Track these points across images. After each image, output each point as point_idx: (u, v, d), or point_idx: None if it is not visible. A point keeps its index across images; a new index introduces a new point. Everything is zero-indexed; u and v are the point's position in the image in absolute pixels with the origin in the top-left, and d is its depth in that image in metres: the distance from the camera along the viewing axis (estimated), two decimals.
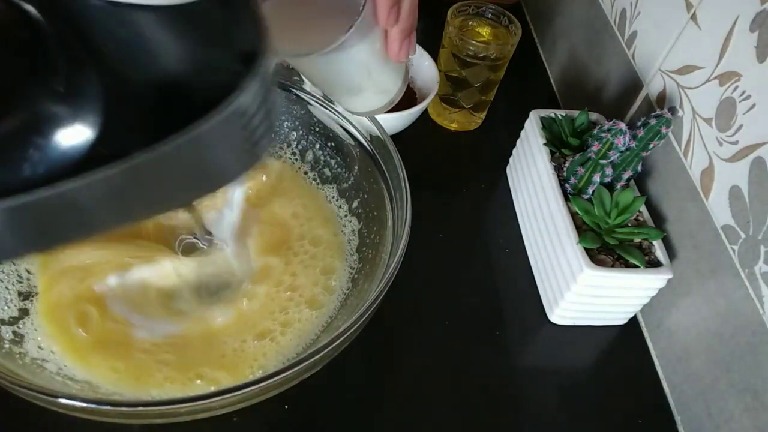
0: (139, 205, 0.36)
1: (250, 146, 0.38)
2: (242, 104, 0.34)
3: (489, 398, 0.68)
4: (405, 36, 0.49)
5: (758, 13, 0.61)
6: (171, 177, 0.35)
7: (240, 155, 0.38)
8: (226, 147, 0.37)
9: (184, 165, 0.35)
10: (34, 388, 0.44)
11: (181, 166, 0.35)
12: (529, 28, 1.20)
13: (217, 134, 0.34)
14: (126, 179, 0.32)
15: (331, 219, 0.73)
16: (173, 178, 0.35)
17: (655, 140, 0.70)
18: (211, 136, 0.34)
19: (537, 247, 0.78)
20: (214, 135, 0.34)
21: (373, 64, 0.52)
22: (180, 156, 0.34)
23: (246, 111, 0.35)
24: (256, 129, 0.37)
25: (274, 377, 0.47)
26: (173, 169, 0.34)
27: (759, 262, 0.59)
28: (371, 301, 0.53)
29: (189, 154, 0.34)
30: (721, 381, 0.63)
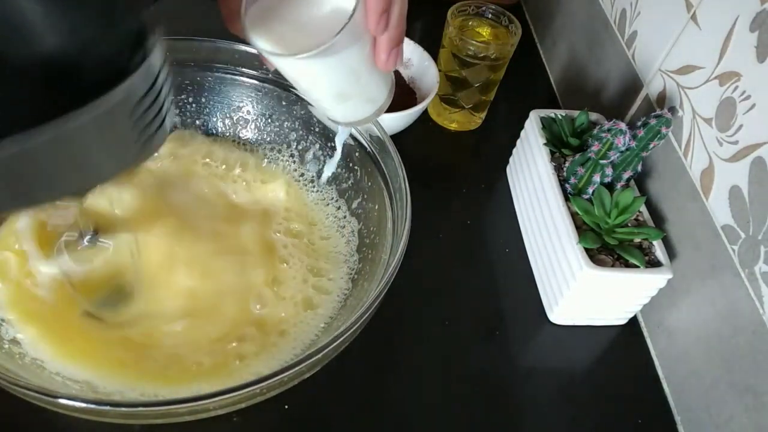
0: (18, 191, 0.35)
1: (142, 135, 0.37)
2: (130, 87, 0.33)
3: (489, 398, 0.68)
4: (393, 45, 0.49)
5: (758, 13, 0.61)
6: (56, 160, 0.34)
7: (130, 145, 0.37)
8: (116, 133, 0.35)
9: (70, 148, 0.33)
10: (34, 389, 0.44)
11: (67, 149, 0.33)
12: (529, 28, 1.20)
13: (100, 123, 0.33)
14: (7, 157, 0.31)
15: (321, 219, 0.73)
16: (58, 162, 0.34)
17: (655, 140, 0.70)
18: (93, 125, 0.33)
19: (537, 247, 0.78)
20: (97, 123, 0.33)
21: (362, 71, 0.52)
22: (66, 137, 0.32)
23: (133, 94, 0.34)
24: (149, 117, 0.36)
25: (274, 377, 0.47)
26: (59, 151, 0.33)
27: (759, 262, 0.59)
28: (371, 301, 0.53)
29: (75, 136, 0.33)
30: (721, 381, 0.63)
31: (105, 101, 0.32)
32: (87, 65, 0.32)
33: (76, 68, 0.32)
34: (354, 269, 0.68)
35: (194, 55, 0.73)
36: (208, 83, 0.75)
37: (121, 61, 0.33)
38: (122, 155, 0.38)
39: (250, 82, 0.75)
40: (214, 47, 0.72)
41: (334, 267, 0.69)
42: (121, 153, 0.38)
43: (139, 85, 0.34)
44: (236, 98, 0.76)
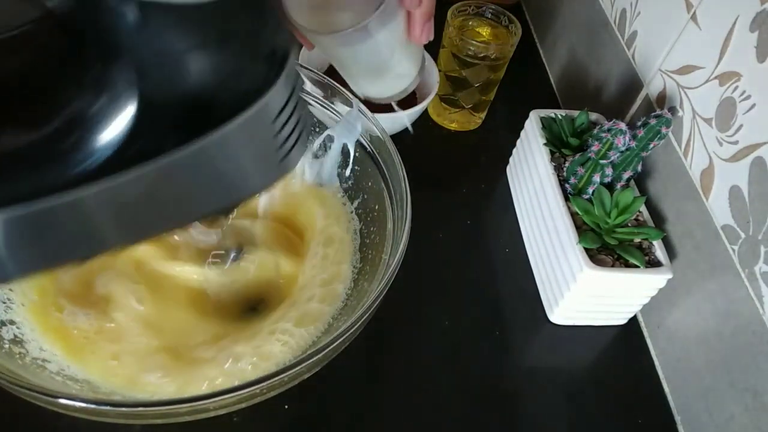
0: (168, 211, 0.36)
1: (280, 153, 0.37)
2: (269, 104, 0.34)
3: (489, 398, 0.68)
4: (426, 19, 0.51)
5: (758, 13, 0.61)
6: (200, 179, 0.35)
7: (270, 161, 0.38)
8: (255, 150, 0.36)
9: (213, 166, 0.34)
10: (34, 389, 0.44)
11: (210, 168, 0.34)
12: (529, 28, 1.20)
13: (245, 134, 0.34)
14: (158, 179, 0.32)
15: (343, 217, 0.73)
16: (202, 181, 0.35)
17: (655, 140, 0.70)
18: (239, 135, 0.34)
19: (537, 247, 0.78)
20: (243, 134, 0.34)
21: (397, 46, 0.53)
22: (209, 155, 0.33)
23: (272, 111, 0.35)
24: (285, 134, 0.37)
25: (275, 377, 0.47)
26: (203, 170, 0.34)
27: (759, 262, 0.59)
28: (371, 301, 0.53)
29: (218, 154, 0.34)
30: (721, 381, 0.63)
31: (243, 118, 0.33)
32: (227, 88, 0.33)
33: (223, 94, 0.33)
34: (355, 269, 0.68)
35: None
36: None
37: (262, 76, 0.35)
38: (265, 171, 0.39)
39: None
40: None
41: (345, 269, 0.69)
42: (263, 168, 0.38)
43: (276, 99, 0.35)
44: None
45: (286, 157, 0.38)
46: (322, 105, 0.72)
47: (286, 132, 0.37)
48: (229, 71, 0.33)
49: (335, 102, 0.71)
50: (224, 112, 0.33)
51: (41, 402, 0.45)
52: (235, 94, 0.33)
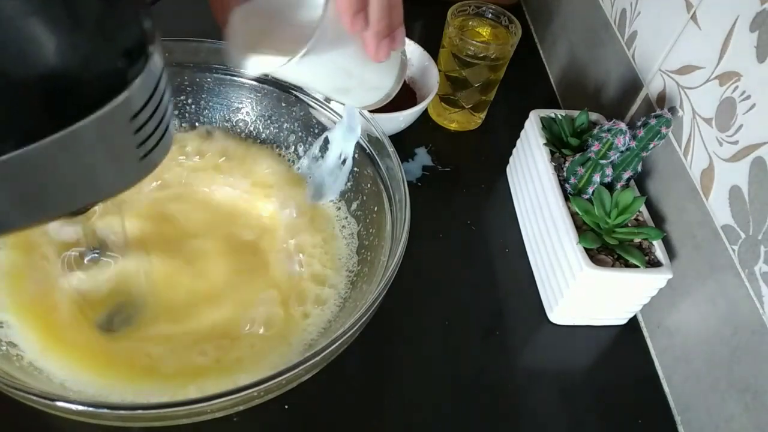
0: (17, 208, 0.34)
1: (141, 151, 0.36)
2: (127, 100, 0.33)
3: (489, 398, 0.68)
4: (380, 38, 0.49)
5: (758, 13, 0.61)
6: (53, 177, 0.33)
7: (130, 160, 0.36)
8: (113, 148, 0.35)
9: (66, 164, 0.33)
10: (31, 392, 0.44)
11: (63, 165, 0.33)
12: (529, 28, 1.20)
13: (101, 131, 0.33)
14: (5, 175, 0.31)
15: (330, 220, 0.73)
16: (56, 179, 0.34)
17: (655, 140, 0.70)
18: (94, 133, 0.32)
19: (537, 247, 0.78)
20: (98, 132, 0.33)
21: (353, 66, 0.52)
22: (62, 152, 0.32)
23: (131, 109, 0.34)
24: (146, 133, 0.36)
25: (272, 380, 0.47)
26: (55, 167, 0.33)
27: (759, 262, 0.59)
28: (370, 303, 0.53)
29: (71, 151, 0.32)
30: (721, 381, 0.63)
31: (103, 113, 0.32)
32: (85, 79, 0.32)
33: (74, 83, 0.31)
34: (353, 271, 0.68)
35: (193, 56, 0.73)
36: (207, 84, 0.75)
37: (119, 72, 0.33)
38: (120, 173, 0.37)
39: (249, 83, 0.75)
40: (213, 48, 0.72)
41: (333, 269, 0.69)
42: (122, 168, 0.37)
43: (138, 95, 0.34)
44: (235, 99, 0.76)
45: (147, 156, 0.37)
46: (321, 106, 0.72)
47: (148, 130, 0.36)
48: (83, 66, 0.31)
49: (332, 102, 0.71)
50: (79, 108, 0.31)
51: (39, 405, 0.45)
52: (91, 90, 0.32)
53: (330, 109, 0.71)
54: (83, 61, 0.31)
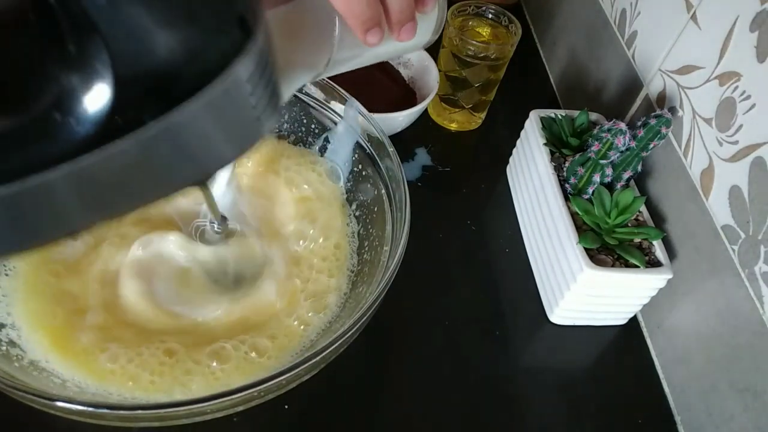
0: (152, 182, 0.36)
1: (256, 118, 0.38)
2: (245, 66, 0.34)
3: (489, 398, 0.68)
4: (403, 24, 0.48)
5: (758, 13, 0.61)
6: (184, 148, 0.35)
7: (248, 124, 0.38)
8: (235, 114, 0.36)
9: (191, 136, 0.34)
10: (31, 391, 0.44)
11: (188, 138, 0.34)
12: (529, 28, 1.20)
13: (221, 100, 0.34)
14: (142, 150, 0.32)
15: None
16: (186, 150, 0.35)
17: (655, 140, 0.70)
18: (215, 103, 0.34)
19: (537, 247, 0.78)
20: (222, 100, 0.34)
21: (382, 49, 0.51)
22: (187, 126, 0.34)
23: (249, 76, 0.35)
24: (259, 97, 0.37)
25: (272, 380, 0.47)
26: (187, 138, 0.34)
27: (759, 262, 0.59)
28: (370, 303, 0.53)
29: (200, 121, 0.34)
30: (721, 381, 0.63)
31: (216, 86, 0.33)
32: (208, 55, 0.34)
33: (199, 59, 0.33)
34: (353, 271, 0.68)
35: None
36: None
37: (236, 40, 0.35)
38: (241, 135, 0.39)
39: None
40: None
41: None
42: (239, 133, 0.38)
43: (248, 64, 0.35)
44: None
45: (260, 119, 0.38)
46: (321, 107, 0.72)
47: (259, 93, 0.37)
48: (199, 41, 0.33)
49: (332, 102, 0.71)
50: (198, 81, 0.33)
51: (39, 405, 0.45)
52: (206, 62, 0.33)
53: (330, 110, 0.71)
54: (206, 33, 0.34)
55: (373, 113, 0.69)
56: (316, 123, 0.74)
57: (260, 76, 0.36)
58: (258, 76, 0.36)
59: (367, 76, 0.92)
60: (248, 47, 0.34)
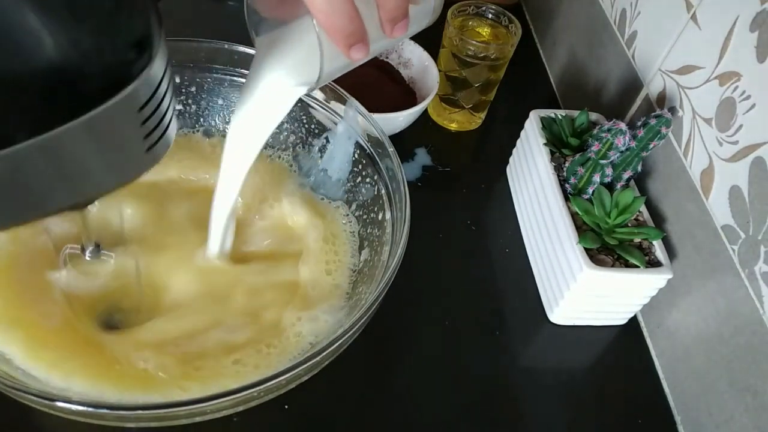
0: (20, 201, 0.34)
1: (146, 143, 0.37)
2: (134, 92, 0.33)
3: (489, 398, 0.68)
4: (396, 22, 0.47)
5: (758, 13, 0.61)
6: (58, 169, 0.33)
7: (134, 152, 0.37)
8: (118, 140, 0.35)
9: (73, 156, 0.33)
10: (30, 392, 0.44)
11: (70, 157, 0.33)
12: (529, 28, 1.20)
13: (108, 123, 0.33)
14: (9, 169, 0.31)
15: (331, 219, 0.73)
16: (61, 171, 0.34)
17: (655, 140, 0.70)
18: (101, 125, 0.33)
19: (537, 247, 0.78)
20: (105, 124, 0.33)
21: (378, 47, 0.51)
22: (69, 144, 0.32)
23: (137, 100, 0.34)
24: (151, 125, 0.36)
25: (272, 380, 0.47)
26: (61, 159, 0.33)
27: (759, 262, 0.59)
28: (370, 303, 0.53)
29: (78, 144, 0.33)
30: (721, 381, 0.63)
31: (104, 109, 0.32)
32: (87, 74, 0.32)
33: (77, 78, 0.32)
34: (353, 271, 0.68)
35: (193, 56, 0.73)
36: (207, 84, 0.75)
37: (123, 68, 0.33)
38: (124, 165, 0.38)
39: None
40: (213, 48, 0.72)
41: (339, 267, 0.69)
42: (123, 163, 0.37)
43: (141, 91, 0.34)
44: (236, 100, 0.76)
45: (151, 149, 0.37)
46: (321, 107, 0.72)
47: (153, 123, 0.36)
48: (90, 58, 0.31)
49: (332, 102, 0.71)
50: (86, 101, 0.32)
51: (38, 405, 0.45)
52: (98, 82, 0.32)
53: (330, 110, 0.71)
54: (89, 53, 0.32)
55: (373, 113, 0.69)
56: (316, 123, 0.74)
57: (155, 105, 0.35)
58: (152, 106, 0.35)
59: (367, 76, 0.92)
60: (142, 74, 0.33)
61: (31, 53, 0.30)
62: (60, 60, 0.31)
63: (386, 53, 0.95)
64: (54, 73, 0.31)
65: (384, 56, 0.95)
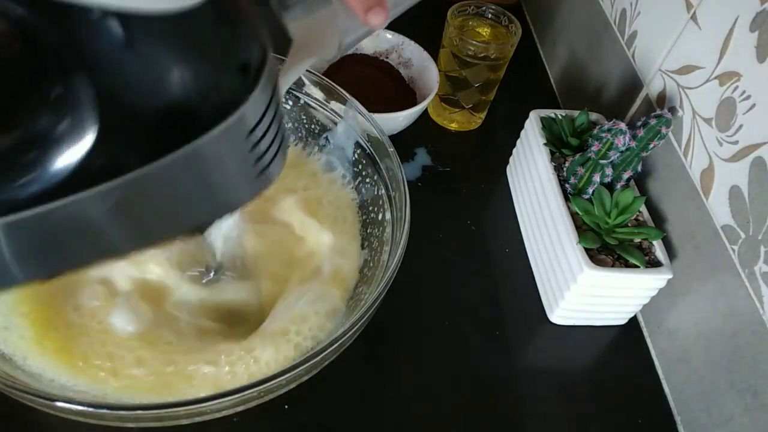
0: (139, 228, 0.35)
1: (258, 167, 0.36)
2: (242, 117, 0.33)
3: (489, 398, 0.68)
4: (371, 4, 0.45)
5: (758, 13, 0.61)
6: (173, 195, 0.34)
7: (247, 176, 0.37)
8: (230, 165, 0.35)
9: (185, 182, 0.33)
10: (31, 392, 0.44)
11: (182, 184, 0.33)
12: (529, 28, 1.20)
13: (218, 148, 0.33)
14: (124, 195, 0.31)
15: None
16: (175, 197, 0.34)
17: (655, 140, 0.70)
18: (211, 150, 0.33)
19: (537, 247, 0.78)
20: (215, 149, 0.33)
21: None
22: (180, 171, 0.32)
23: (247, 125, 0.34)
24: (263, 148, 0.36)
25: (272, 381, 0.47)
26: (174, 186, 0.33)
27: (759, 262, 0.59)
28: (370, 303, 0.53)
29: (190, 170, 0.33)
30: (721, 381, 0.63)
31: (220, 130, 0.32)
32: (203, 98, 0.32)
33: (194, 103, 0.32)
34: None
35: None
36: None
37: (235, 89, 0.33)
38: (240, 187, 0.37)
39: None
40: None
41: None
42: (239, 185, 0.37)
43: (253, 110, 0.34)
44: None
45: (264, 172, 0.37)
46: (321, 107, 0.72)
47: (264, 146, 0.36)
48: (200, 86, 0.31)
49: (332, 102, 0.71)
50: (196, 126, 0.32)
51: (38, 405, 0.45)
52: (207, 108, 0.32)
53: (330, 110, 0.71)
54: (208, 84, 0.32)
55: (373, 113, 0.69)
56: (316, 123, 0.74)
57: (267, 124, 0.35)
58: (264, 125, 0.35)
59: (367, 76, 0.92)
60: (253, 94, 0.33)
61: (154, 87, 0.30)
62: (182, 93, 0.31)
63: (386, 53, 0.95)
64: (173, 105, 0.31)
65: (384, 56, 0.95)
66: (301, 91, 0.72)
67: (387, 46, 0.95)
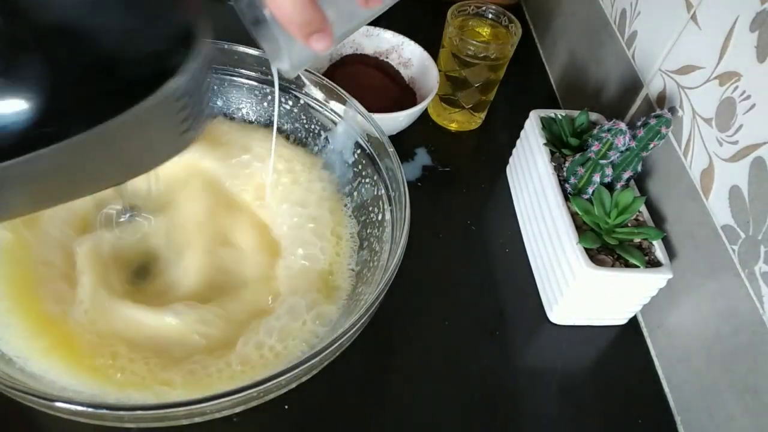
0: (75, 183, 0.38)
1: (182, 131, 0.39)
2: (179, 86, 0.36)
3: (489, 398, 0.68)
4: None
5: (758, 13, 0.61)
6: (107, 157, 0.37)
7: (174, 137, 0.40)
8: (162, 128, 0.38)
9: (120, 145, 0.36)
10: (31, 392, 0.44)
11: (117, 147, 0.36)
12: (529, 28, 1.20)
13: (153, 115, 0.36)
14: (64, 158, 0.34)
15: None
16: (112, 155, 0.37)
17: (655, 140, 0.70)
18: (147, 118, 0.36)
19: (537, 247, 0.78)
20: (151, 116, 0.36)
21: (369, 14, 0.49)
22: (117, 136, 0.35)
23: (183, 94, 0.37)
24: (190, 112, 0.38)
25: (272, 381, 0.47)
26: (110, 149, 0.36)
27: (759, 262, 0.59)
28: (370, 303, 0.53)
29: (126, 135, 0.36)
30: (721, 381, 0.63)
31: (149, 102, 0.35)
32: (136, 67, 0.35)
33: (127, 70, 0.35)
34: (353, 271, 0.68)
35: None
36: None
37: (168, 61, 0.36)
38: (163, 148, 0.41)
39: (249, 83, 0.75)
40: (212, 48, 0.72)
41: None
42: (162, 146, 0.40)
43: (185, 84, 0.36)
44: (235, 99, 0.76)
45: (186, 132, 0.40)
46: (320, 106, 0.72)
47: (188, 111, 0.38)
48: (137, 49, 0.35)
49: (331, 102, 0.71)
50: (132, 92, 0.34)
51: (38, 405, 0.45)
52: (142, 75, 0.35)
53: (330, 110, 0.71)
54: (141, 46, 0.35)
55: (373, 113, 0.70)
56: (315, 123, 0.74)
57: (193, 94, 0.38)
58: (190, 95, 0.38)
59: (367, 76, 0.92)
60: (185, 67, 0.36)
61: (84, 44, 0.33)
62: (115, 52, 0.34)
63: (386, 53, 0.95)
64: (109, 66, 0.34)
65: (384, 56, 0.95)
66: (301, 92, 0.73)
67: (387, 46, 0.95)
